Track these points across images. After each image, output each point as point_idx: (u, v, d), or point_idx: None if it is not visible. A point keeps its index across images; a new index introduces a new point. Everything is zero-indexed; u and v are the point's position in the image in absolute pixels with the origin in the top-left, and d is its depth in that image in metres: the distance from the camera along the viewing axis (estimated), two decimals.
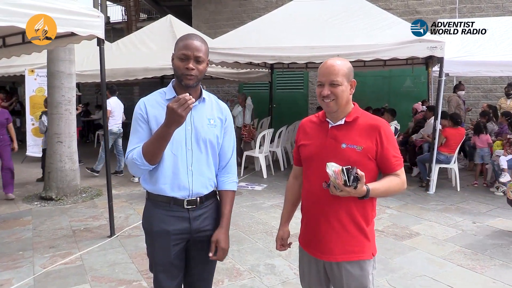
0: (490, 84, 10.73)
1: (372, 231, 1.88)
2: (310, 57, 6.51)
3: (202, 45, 1.84)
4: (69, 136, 6.27)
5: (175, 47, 1.86)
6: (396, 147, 1.83)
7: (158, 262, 1.94)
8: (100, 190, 6.60)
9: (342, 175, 1.59)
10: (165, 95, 1.92)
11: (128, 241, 4.40)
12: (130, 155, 1.84)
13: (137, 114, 1.88)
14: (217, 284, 3.39)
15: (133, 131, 1.90)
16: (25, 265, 3.80)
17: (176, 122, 1.67)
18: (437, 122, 6.27)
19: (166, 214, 1.91)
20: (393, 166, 1.81)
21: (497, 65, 6.16)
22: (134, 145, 1.85)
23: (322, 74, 1.81)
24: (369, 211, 1.84)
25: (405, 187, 1.85)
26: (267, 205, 5.81)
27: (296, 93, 12.84)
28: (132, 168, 1.86)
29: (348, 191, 1.61)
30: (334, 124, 1.84)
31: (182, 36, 1.89)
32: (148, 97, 1.92)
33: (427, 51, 5.90)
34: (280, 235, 2.11)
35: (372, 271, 1.87)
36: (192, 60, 1.81)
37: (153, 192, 1.92)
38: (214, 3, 13.58)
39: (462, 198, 6.07)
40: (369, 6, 7.56)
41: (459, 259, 3.91)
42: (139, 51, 8.60)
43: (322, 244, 1.85)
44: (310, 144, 1.90)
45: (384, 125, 1.82)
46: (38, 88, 8.38)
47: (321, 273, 1.92)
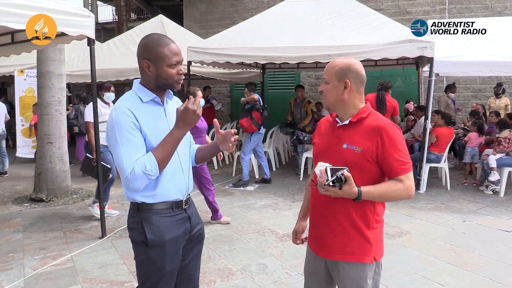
0: (480, 84, 10.85)
1: (377, 235, 1.83)
2: (302, 57, 6.52)
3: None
4: (60, 137, 6.22)
5: (156, 54, 1.78)
6: (400, 150, 1.73)
7: (167, 271, 1.86)
8: (91, 191, 6.55)
9: (326, 175, 1.60)
10: (139, 99, 1.82)
11: (120, 242, 4.38)
12: (136, 168, 1.68)
13: (128, 122, 1.72)
14: (209, 284, 3.39)
15: (125, 141, 1.71)
16: (16, 267, 3.77)
17: (193, 123, 1.73)
18: (428, 122, 6.32)
19: (170, 220, 1.86)
20: (396, 170, 1.73)
21: (486, 65, 6.21)
22: (133, 156, 1.70)
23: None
24: (369, 214, 1.79)
25: (411, 193, 1.75)
26: (259, 205, 5.81)
27: (288, 93, 12.82)
28: (139, 182, 1.71)
29: (333, 191, 1.62)
30: (341, 123, 1.84)
31: (156, 41, 1.80)
32: (127, 103, 1.77)
33: (418, 51, 5.94)
34: (295, 229, 2.15)
35: (374, 276, 1.84)
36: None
37: (155, 201, 1.83)
38: (206, 3, 13.54)
39: (452, 197, 6.13)
40: (360, 6, 7.59)
41: (449, 257, 3.95)
42: (130, 51, 8.54)
43: (322, 241, 1.88)
44: (320, 143, 1.93)
45: (388, 126, 1.74)
46: (28, 88, 8.32)
47: (321, 270, 1.94)
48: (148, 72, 1.81)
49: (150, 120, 1.79)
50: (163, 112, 1.88)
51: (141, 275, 1.90)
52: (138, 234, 1.85)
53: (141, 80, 1.87)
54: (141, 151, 1.73)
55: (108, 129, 1.78)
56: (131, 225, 1.90)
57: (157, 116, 1.85)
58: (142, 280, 1.90)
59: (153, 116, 1.82)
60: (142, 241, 1.84)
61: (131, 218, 1.90)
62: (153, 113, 1.83)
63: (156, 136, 1.78)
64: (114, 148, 1.74)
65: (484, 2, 10.65)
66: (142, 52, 1.82)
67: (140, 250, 1.87)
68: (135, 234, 1.87)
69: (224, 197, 6.24)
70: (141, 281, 1.91)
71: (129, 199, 1.87)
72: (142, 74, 1.85)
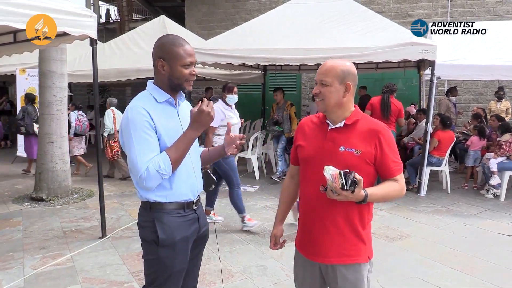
0: (481, 88, 10.85)
1: (369, 235, 1.86)
2: (303, 59, 6.52)
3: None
4: (61, 136, 6.23)
5: (171, 54, 1.81)
6: (395, 152, 1.80)
7: (175, 271, 1.87)
8: (91, 191, 6.55)
9: (340, 179, 1.56)
10: (154, 99, 1.84)
11: (120, 243, 4.38)
12: (151, 167, 1.71)
13: (143, 122, 1.74)
14: (209, 286, 3.39)
15: (140, 140, 1.73)
16: (15, 266, 3.77)
17: (207, 124, 1.78)
18: (429, 125, 6.32)
19: (181, 220, 1.88)
20: (392, 171, 1.78)
21: (488, 69, 6.22)
22: (148, 155, 1.73)
23: (317, 72, 1.83)
24: (366, 214, 1.82)
25: (404, 192, 1.84)
26: (259, 206, 5.81)
27: (289, 95, 12.84)
28: (152, 181, 1.74)
29: (345, 195, 1.59)
30: (334, 126, 1.82)
31: (172, 41, 1.83)
32: (142, 103, 1.80)
33: (419, 54, 5.94)
34: (273, 233, 2.09)
35: (368, 274, 1.85)
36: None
37: (168, 200, 1.84)
38: (207, 4, 13.56)
39: (452, 200, 6.12)
40: (362, 9, 7.60)
41: (449, 260, 3.94)
42: (131, 52, 8.56)
43: (318, 247, 1.84)
44: (307, 146, 1.87)
45: (384, 130, 1.79)
46: (29, 87, 8.33)
47: (315, 276, 1.91)
48: (162, 71, 1.84)
49: (165, 120, 1.82)
50: (176, 113, 1.91)
51: (149, 274, 1.90)
52: (150, 233, 1.85)
53: (155, 80, 1.90)
54: (155, 151, 1.75)
55: (122, 128, 1.81)
56: (142, 224, 1.90)
57: (171, 117, 1.87)
58: (150, 279, 1.90)
59: (167, 116, 1.85)
60: (153, 240, 1.84)
61: (142, 217, 1.91)
62: (167, 114, 1.86)
63: (169, 136, 1.80)
64: (129, 146, 1.76)
65: (486, 5, 10.66)
66: (157, 51, 1.85)
67: (150, 249, 1.87)
68: (146, 232, 1.88)
69: (225, 198, 6.21)
70: (149, 280, 1.91)
71: (142, 198, 1.88)
72: (156, 74, 1.88)
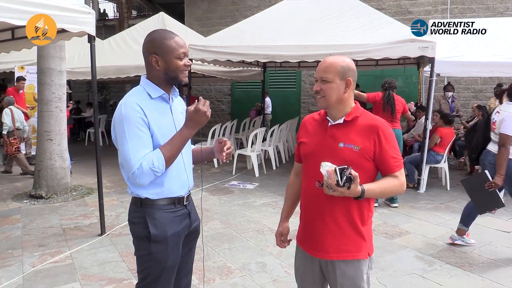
0: (481, 85, 10.84)
1: (369, 231, 1.86)
2: (303, 56, 6.52)
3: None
4: (60, 133, 6.21)
5: (164, 47, 1.79)
6: (395, 148, 1.79)
7: (168, 266, 1.87)
8: (90, 188, 6.54)
9: (335, 175, 1.57)
10: (148, 95, 1.82)
11: (119, 240, 4.38)
12: (144, 164, 1.70)
13: (136, 118, 1.73)
14: (208, 283, 3.39)
15: (133, 136, 1.72)
16: (14, 264, 3.77)
17: (202, 123, 1.79)
18: (428, 122, 6.31)
19: (172, 216, 1.88)
20: (392, 167, 1.78)
21: (488, 66, 6.21)
22: (141, 152, 1.72)
23: (317, 69, 1.83)
24: (365, 211, 1.82)
25: (404, 188, 1.82)
26: (258, 203, 5.81)
27: (289, 92, 12.86)
28: (145, 178, 1.73)
29: (341, 191, 1.60)
30: (334, 122, 1.83)
31: (162, 35, 1.82)
32: (136, 99, 1.78)
33: (419, 51, 5.93)
34: (279, 231, 2.10)
35: (368, 270, 1.86)
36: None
37: (159, 197, 1.84)
38: (207, 1, 13.53)
39: (451, 197, 6.13)
40: (361, 5, 7.59)
41: (448, 257, 3.95)
42: (130, 49, 8.55)
43: (318, 242, 1.85)
44: (309, 142, 1.89)
45: (383, 125, 1.79)
46: (28, 85, 8.31)
47: (315, 271, 1.92)
48: (157, 67, 1.82)
49: (158, 117, 1.81)
50: (169, 109, 1.90)
51: (141, 271, 1.89)
52: (141, 229, 1.85)
53: (148, 76, 1.87)
54: (149, 147, 1.75)
55: (115, 124, 1.78)
56: (133, 220, 1.89)
57: (164, 114, 1.86)
58: (143, 275, 1.89)
59: (160, 113, 1.84)
60: (144, 236, 1.84)
61: (133, 213, 1.90)
62: (160, 110, 1.84)
63: (162, 133, 1.79)
64: (122, 142, 1.74)
65: (486, 2, 10.64)
66: (149, 47, 1.82)
67: (141, 245, 1.87)
68: (137, 228, 1.87)
69: (224, 195, 6.24)
70: (142, 276, 1.90)
71: (133, 194, 1.87)
72: (150, 70, 1.85)
